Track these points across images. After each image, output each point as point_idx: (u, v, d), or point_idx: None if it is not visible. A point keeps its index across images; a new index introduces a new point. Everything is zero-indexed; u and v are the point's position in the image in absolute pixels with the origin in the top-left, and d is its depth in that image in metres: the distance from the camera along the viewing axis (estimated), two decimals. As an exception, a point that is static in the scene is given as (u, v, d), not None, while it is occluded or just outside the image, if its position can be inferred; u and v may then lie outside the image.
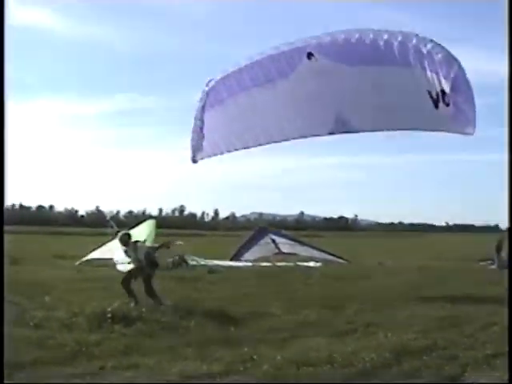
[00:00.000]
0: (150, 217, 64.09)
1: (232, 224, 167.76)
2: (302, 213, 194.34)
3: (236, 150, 14.97)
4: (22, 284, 18.35)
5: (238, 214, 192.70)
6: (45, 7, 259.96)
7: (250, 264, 31.88)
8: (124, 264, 27.12)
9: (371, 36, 12.52)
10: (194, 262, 31.05)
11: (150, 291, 15.77)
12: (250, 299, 17.44)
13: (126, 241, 16.48)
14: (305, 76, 13.57)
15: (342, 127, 13.73)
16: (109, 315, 13.15)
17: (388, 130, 13.59)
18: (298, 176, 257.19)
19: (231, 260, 34.13)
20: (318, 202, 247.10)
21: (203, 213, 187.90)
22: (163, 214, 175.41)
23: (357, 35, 12.72)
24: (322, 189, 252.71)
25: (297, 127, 14.14)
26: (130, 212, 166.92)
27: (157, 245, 17.78)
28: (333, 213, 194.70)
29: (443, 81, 11.75)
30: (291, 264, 31.94)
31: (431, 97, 12.06)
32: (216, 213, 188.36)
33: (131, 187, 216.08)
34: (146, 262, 16.15)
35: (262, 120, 14.43)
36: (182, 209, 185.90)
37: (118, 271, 26.12)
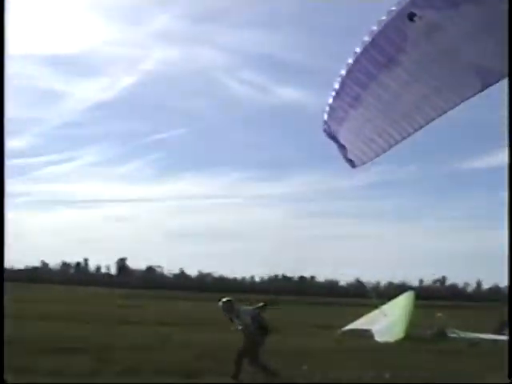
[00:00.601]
0: (410, 288, 63.27)
1: (496, 295, 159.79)
2: None
3: (396, 142, 13.40)
4: (282, 353, 18.96)
5: (501, 285, 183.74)
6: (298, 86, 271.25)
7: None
8: (384, 335, 27.13)
9: None
10: (455, 335, 30.10)
11: (255, 361, 14.37)
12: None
13: (227, 308, 14.88)
14: (419, 41, 11.51)
15: (489, 78, 11.57)
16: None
17: None
18: None
19: (495, 333, 32.55)
20: None
21: (465, 283, 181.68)
22: (423, 284, 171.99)
23: None
24: None
25: (445, 98, 12.34)
26: (390, 283, 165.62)
27: (260, 304, 15.42)
28: None
29: None
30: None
31: None
32: (478, 283, 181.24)
33: (392, 258, 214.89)
34: (255, 327, 14.50)
35: (406, 103, 12.78)
36: (443, 280, 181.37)
37: (377, 342, 26.13)
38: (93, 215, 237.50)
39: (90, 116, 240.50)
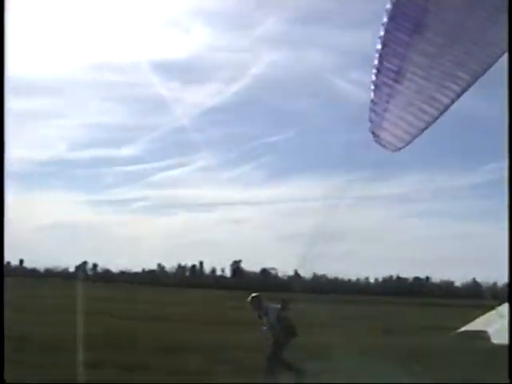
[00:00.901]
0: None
1: None
2: None
3: (445, 108, 12.19)
4: (395, 353, 18.79)
5: None
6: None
7: None
8: (500, 337, 26.30)
9: None
10: None
11: (280, 361, 13.70)
12: None
13: (254, 305, 14.06)
14: None
15: None
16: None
17: None
18: None
19: None
20: None
21: None
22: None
23: None
24: None
25: (486, 50, 10.92)
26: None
27: (286, 301, 14.39)
28: None
29: None
30: None
31: None
32: None
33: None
34: (279, 327, 13.72)
35: (448, 63, 11.59)
36: None
37: (493, 344, 25.37)
38: (207, 218, 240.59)
39: (201, 121, 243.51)
